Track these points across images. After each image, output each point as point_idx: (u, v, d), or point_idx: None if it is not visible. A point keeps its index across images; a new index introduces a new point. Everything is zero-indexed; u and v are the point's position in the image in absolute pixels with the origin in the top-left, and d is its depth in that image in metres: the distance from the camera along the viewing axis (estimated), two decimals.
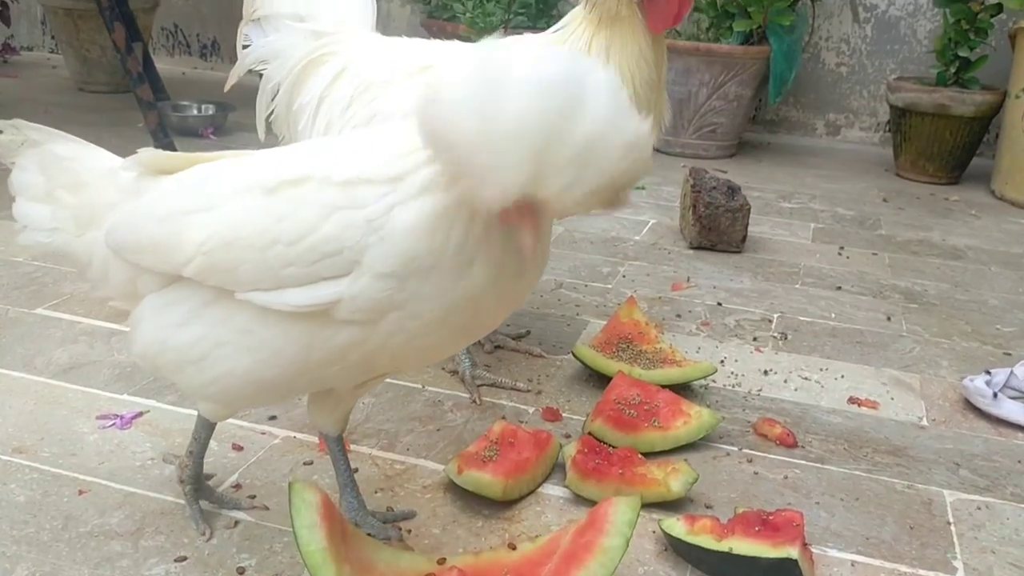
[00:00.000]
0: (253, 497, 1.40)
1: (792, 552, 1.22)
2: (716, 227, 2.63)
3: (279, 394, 1.21)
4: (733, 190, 2.64)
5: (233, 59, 1.86)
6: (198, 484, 1.35)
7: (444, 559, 1.26)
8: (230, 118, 3.80)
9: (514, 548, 1.28)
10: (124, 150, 1.24)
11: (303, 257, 1.02)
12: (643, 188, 3.30)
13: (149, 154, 1.16)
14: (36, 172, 1.23)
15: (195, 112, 3.87)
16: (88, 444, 1.53)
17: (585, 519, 1.22)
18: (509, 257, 1.02)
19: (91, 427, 1.58)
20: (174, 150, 3.13)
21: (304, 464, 1.51)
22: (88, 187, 1.20)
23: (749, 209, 2.65)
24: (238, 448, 1.54)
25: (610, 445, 1.56)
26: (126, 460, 1.49)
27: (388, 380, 1.76)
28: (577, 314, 2.18)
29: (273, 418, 1.63)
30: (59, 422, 1.59)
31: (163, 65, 4.59)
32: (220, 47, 5.09)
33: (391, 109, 1.65)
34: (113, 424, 1.59)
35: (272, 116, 1.81)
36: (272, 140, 1.87)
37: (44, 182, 1.22)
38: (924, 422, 1.76)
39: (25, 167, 1.24)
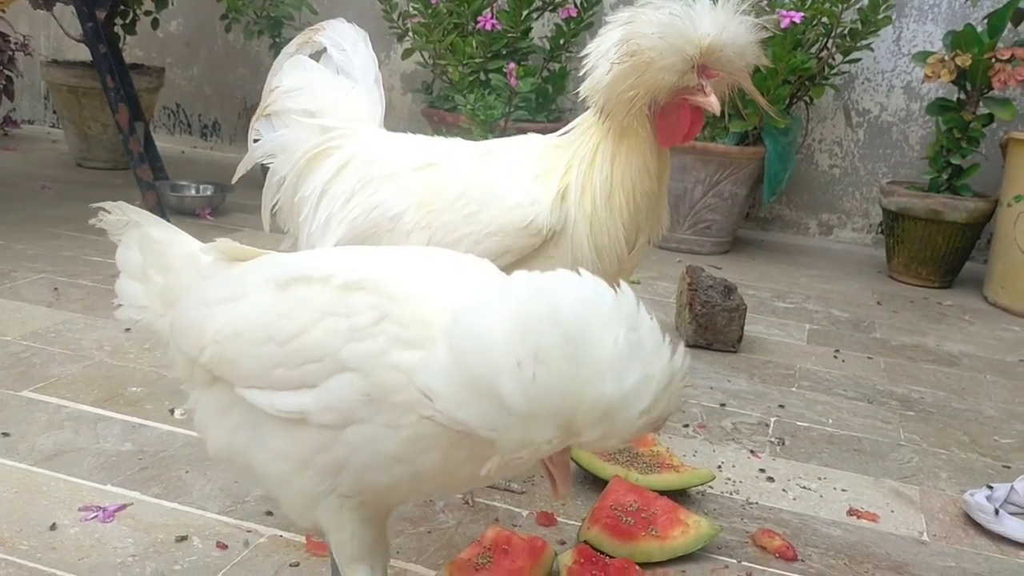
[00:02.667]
0: None
1: None
2: (712, 326, 2.63)
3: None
4: (730, 289, 2.64)
5: (233, 139, 1.88)
6: None
7: None
8: (228, 199, 3.81)
9: None
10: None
11: (290, 359, 1.01)
12: (638, 283, 3.30)
13: (225, 242, 1.18)
14: (136, 251, 1.26)
15: (193, 192, 3.89)
16: (68, 537, 1.48)
17: None
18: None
19: (72, 519, 1.53)
20: None
21: (290, 566, 1.46)
22: (174, 270, 1.23)
23: (745, 309, 2.65)
24: (222, 547, 1.49)
25: (607, 554, 1.52)
26: (107, 556, 1.44)
27: None
28: None
29: (269, 514, 1.59)
30: (40, 512, 1.54)
31: (163, 143, 4.63)
32: (221, 127, 5.14)
33: (390, 203, 1.65)
34: (95, 516, 1.54)
35: (276, 208, 1.81)
36: (277, 231, 1.88)
37: (141, 261, 1.25)
38: (925, 537, 1.72)
39: (128, 245, 1.28)
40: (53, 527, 1.50)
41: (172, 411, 1.96)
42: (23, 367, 2.12)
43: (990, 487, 1.82)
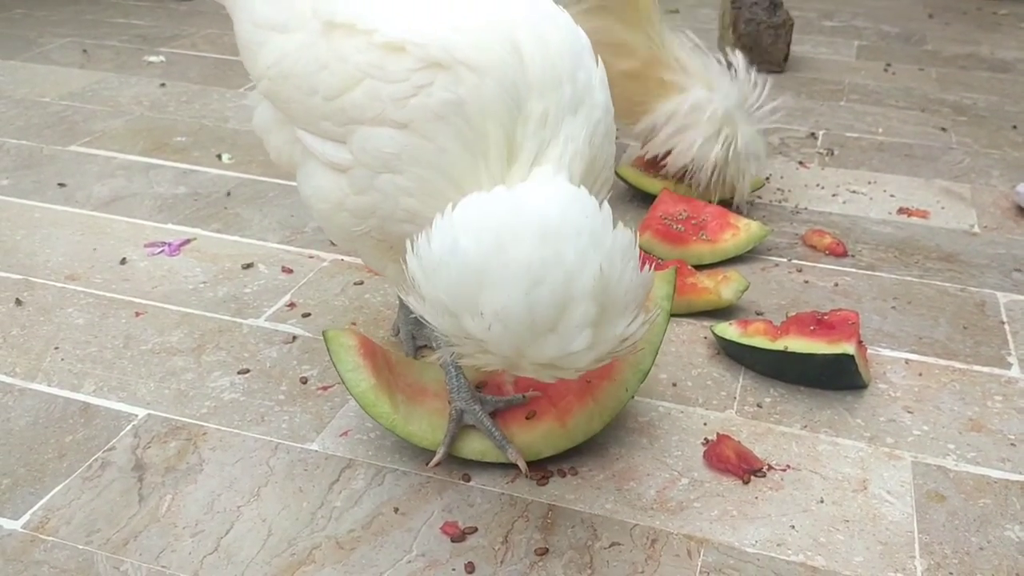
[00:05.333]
0: (308, 315, 1.42)
1: (848, 348, 1.22)
2: (758, 45, 2.53)
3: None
4: (775, 5, 2.53)
5: None
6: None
7: None
8: None
9: None
10: None
11: (335, 116, 0.97)
12: (677, 11, 3.17)
13: None
14: None
15: None
16: (139, 270, 1.54)
17: None
18: None
19: (140, 255, 1.59)
20: None
21: (354, 284, 1.51)
22: None
23: (792, 25, 2.55)
24: (288, 271, 1.54)
25: (659, 258, 1.55)
26: (179, 284, 1.50)
27: None
28: (616, 137, 2.13)
29: (333, 244, 1.62)
30: (108, 251, 1.60)
31: None
32: None
33: None
34: (162, 251, 1.59)
35: None
36: None
37: None
38: (976, 229, 1.73)
39: None
40: (123, 261, 1.56)
41: (219, 156, 1.97)
42: (66, 125, 2.13)
43: None
